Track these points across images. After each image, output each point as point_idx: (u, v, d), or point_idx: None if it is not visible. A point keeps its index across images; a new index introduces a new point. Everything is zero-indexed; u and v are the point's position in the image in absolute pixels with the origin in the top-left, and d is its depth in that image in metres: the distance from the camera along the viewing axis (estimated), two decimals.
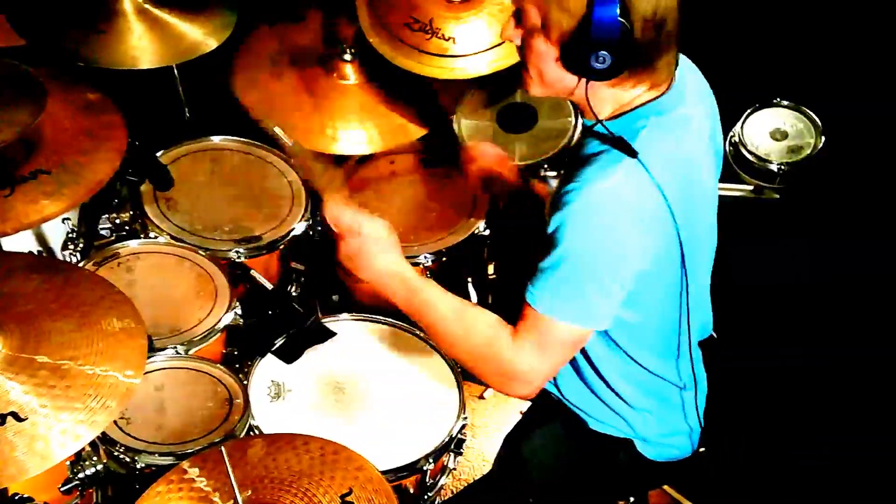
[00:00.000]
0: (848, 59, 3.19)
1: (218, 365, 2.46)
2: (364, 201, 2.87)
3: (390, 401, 2.47)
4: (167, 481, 2.03)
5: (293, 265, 2.83)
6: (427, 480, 2.41)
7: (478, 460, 2.96)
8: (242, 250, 2.71)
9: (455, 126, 2.95)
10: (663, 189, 1.86)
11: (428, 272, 2.78)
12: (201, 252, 2.65)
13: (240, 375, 2.45)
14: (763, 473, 2.87)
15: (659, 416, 2.20)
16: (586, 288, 1.90)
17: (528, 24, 1.90)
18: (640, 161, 1.85)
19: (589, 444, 2.24)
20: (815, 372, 2.99)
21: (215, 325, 2.52)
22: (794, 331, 3.07)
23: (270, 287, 2.74)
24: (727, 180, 2.92)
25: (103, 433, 2.22)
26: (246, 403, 2.37)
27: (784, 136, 3.03)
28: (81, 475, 2.28)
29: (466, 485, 2.82)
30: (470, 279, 2.92)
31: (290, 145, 2.20)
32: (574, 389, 2.22)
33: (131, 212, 2.73)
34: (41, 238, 2.70)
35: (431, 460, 2.36)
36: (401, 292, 2.03)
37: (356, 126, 2.83)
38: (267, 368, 2.51)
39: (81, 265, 2.56)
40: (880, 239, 3.08)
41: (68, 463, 2.28)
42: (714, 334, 2.33)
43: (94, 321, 2.03)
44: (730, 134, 2.97)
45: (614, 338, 2.07)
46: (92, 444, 2.28)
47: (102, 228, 2.72)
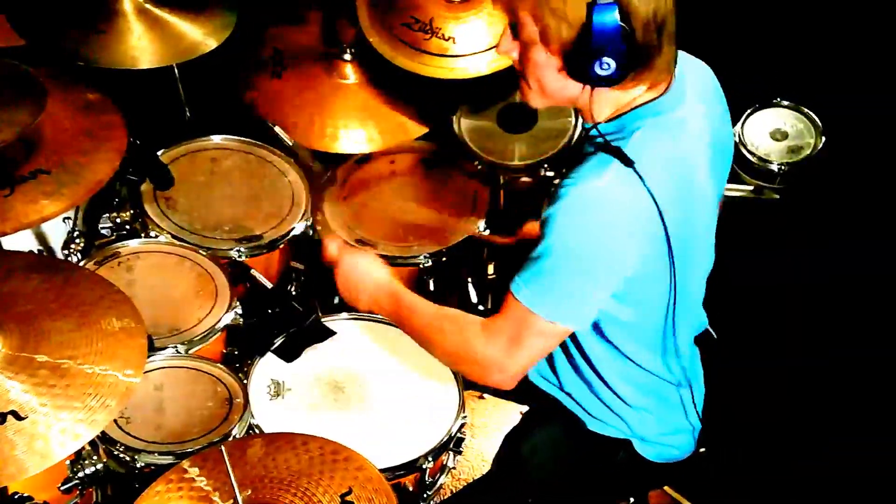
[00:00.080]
0: (848, 59, 3.19)
1: (218, 364, 2.46)
2: (364, 201, 2.88)
3: (390, 400, 2.47)
4: (167, 481, 2.03)
5: (293, 264, 2.83)
6: (426, 479, 2.41)
7: (477, 460, 2.95)
8: (243, 249, 2.71)
9: (455, 126, 2.95)
10: (654, 191, 1.86)
11: (427, 273, 2.78)
12: (201, 251, 2.65)
13: (239, 375, 2.45)
14: (763, 474, 2.87)
15: (658, 415, 2.20)
16: (565, 283, 1.90)
17: (526, 37, 1.89)
18: (635, 170, 1.85)
19: (588, 445, 2.24)
20: (815, 372, 2.99)
21: (215, 325, 2.52)
22: (794, 331, 3.07)
23: (270, 286, 2.73)
24: (727, 180, 2.92)
25: (103, 432, 2.22)
26: (246, 403, 2.37)
27: (784, 137, 3.03)
28: (81, 474, 2.28)
29: (465, 484, 2.82)
30: (470, 279, 2.92)
31: (292, 146, 2.23)
32: (575, 386, 2.23)
33: (131, 211, 2.73)
34: (41, 237, 2.70)
35: (431, 459, 2.36)
36: (387, 304, 2.15)
37: (356, 125, 2.83)
38: (267, 367, 2.51)
39: (81, 264, 2.56)
40: (880, 239, 3.08)
41: (68, 462, 2.28)
42: (714, 334, 2.33)
43: (94, 320, 2.03)
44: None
45: (609, 336, 2.07)
46: (91, 444, 2.28)
47: (103, 228, 2.72)
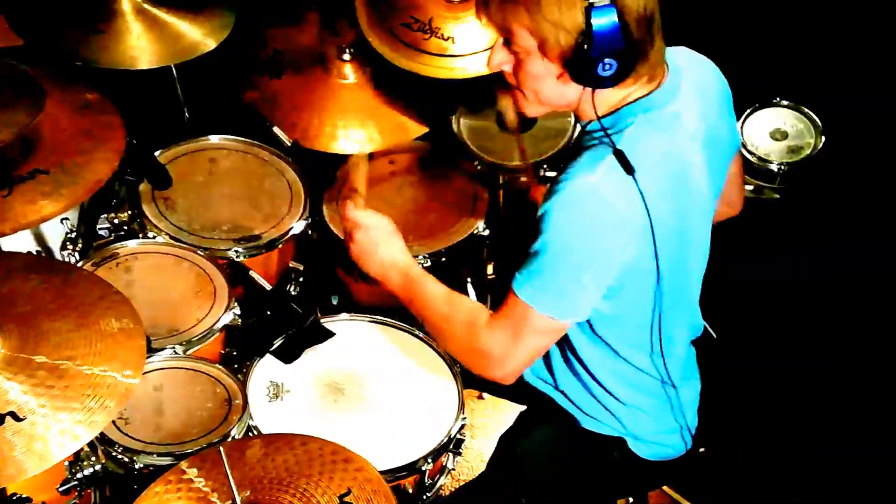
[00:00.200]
0: (848, 59, 3.18)
1: (217, 365, 2.46)
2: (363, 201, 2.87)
3: (389, 401, 2.46)
4: (165, 482, 2.03)
5: (292, 265, 2.82)
6: (426, 481, 2.40)
7: (476, 461, 2.95)
8: (241, 249, 2.71)
9: (455, 126, 2.95)
10: (645, 186, 1.86)
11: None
12: (200, 252, 2.65)
13: (238, 376, 2.44)
14: (763, 474, 2.87)
15: (651, 414, 2.20)
16: (561, 277, 1.91)
17: (520, 49, 1.89)
18: (634, 179, 1.85)
19: (582, 443, 2.24)
20: (815, 372, 2.98)
21: (214, 325, 2.52)
22: (794, 331, 3.07)
23: (269, 287, 2.73)
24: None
25: (102, 433, 2.21)
26: (245, 404, 2.37)
27: (784, 136, 3.03)
28: (80, 475, 2.28)
29: (462, 484, 2.82)
30: (470, 279, 2.91)
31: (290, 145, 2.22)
32: (569, 385, 2.23)
33: (130, 212, 2.72)
34: (40, 238, 2.70)
35: (430, 460, 2.35)
36: (398, 281, 2.12)
37: (356, 125, 2.82)
38: (266, 369, 2.50)
39: (80, 265, 2.56)
40: (880, 239, 3.08)
41: (67, 463, 2.28)
42: (713, 334, 2.33)
43: (93, 321, 2.02)
44: None
45: (599, 332, 2.07)
46: (90, 445, 2.28)
47: (101, 228, 2.72)
